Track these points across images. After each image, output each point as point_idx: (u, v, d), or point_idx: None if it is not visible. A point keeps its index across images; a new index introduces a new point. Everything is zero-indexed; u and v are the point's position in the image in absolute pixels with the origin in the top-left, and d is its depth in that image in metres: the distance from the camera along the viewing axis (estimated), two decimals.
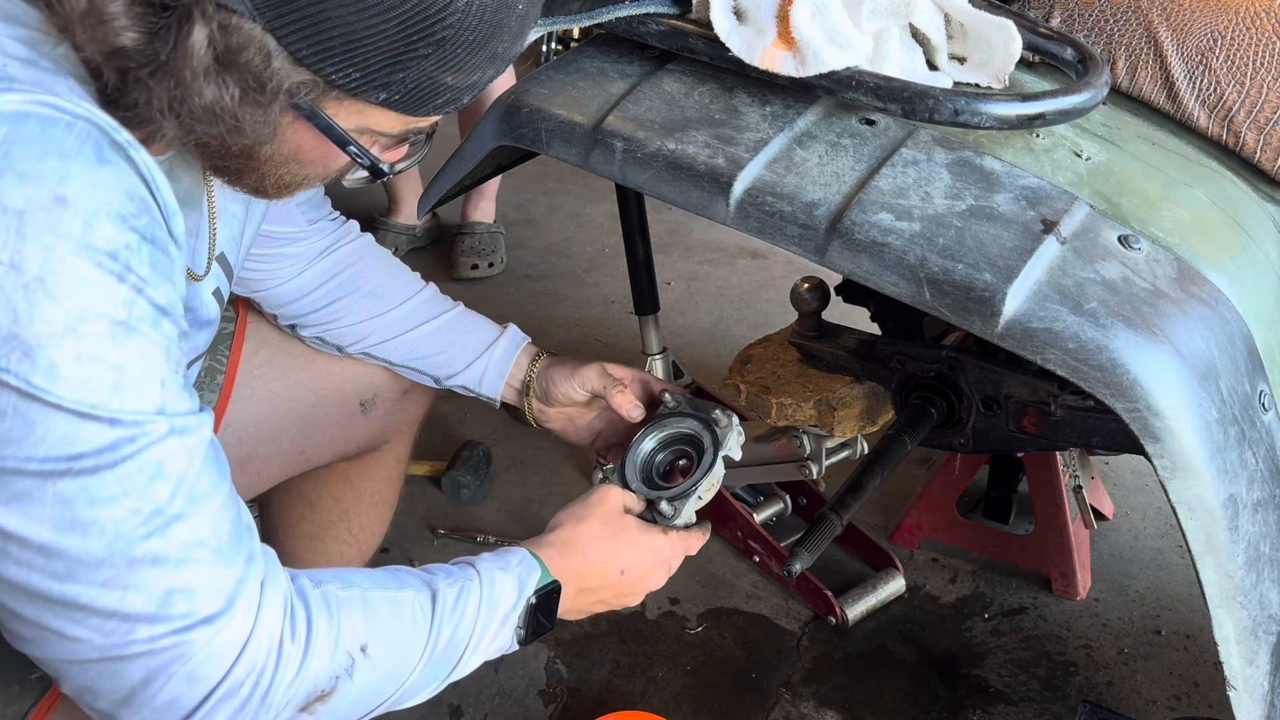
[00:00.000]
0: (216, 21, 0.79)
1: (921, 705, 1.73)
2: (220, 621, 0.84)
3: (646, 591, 1.20)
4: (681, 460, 1.28)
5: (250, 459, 1.39)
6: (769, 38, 1.14)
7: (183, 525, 0.82)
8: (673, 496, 1.21)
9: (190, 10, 0.79)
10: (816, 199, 1.12)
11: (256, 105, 0.83)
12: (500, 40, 0.88)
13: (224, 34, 0.80)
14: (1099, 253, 1.08)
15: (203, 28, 0.79)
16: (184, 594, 0.82)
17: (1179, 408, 1.01)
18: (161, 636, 0.82)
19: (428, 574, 1.03)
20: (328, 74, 0.84)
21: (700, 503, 1.22)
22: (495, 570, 1.05)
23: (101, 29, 0.78)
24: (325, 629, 0.91)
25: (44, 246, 0.75)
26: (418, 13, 0.81)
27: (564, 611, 1.13)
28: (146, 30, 0.79)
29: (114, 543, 0.80)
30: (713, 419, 1.26)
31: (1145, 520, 2.13)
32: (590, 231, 3.32)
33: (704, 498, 1.23)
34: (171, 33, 0.79)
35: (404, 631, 0.97)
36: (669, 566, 1.21)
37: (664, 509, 1.20)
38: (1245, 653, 1.07)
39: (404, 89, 0.87)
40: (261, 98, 0.83)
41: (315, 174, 0.97)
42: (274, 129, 0.87)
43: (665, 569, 1.21)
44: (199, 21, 0.79)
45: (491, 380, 1.38)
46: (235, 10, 0.80)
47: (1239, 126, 1.31)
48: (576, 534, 1.15)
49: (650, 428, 1.28)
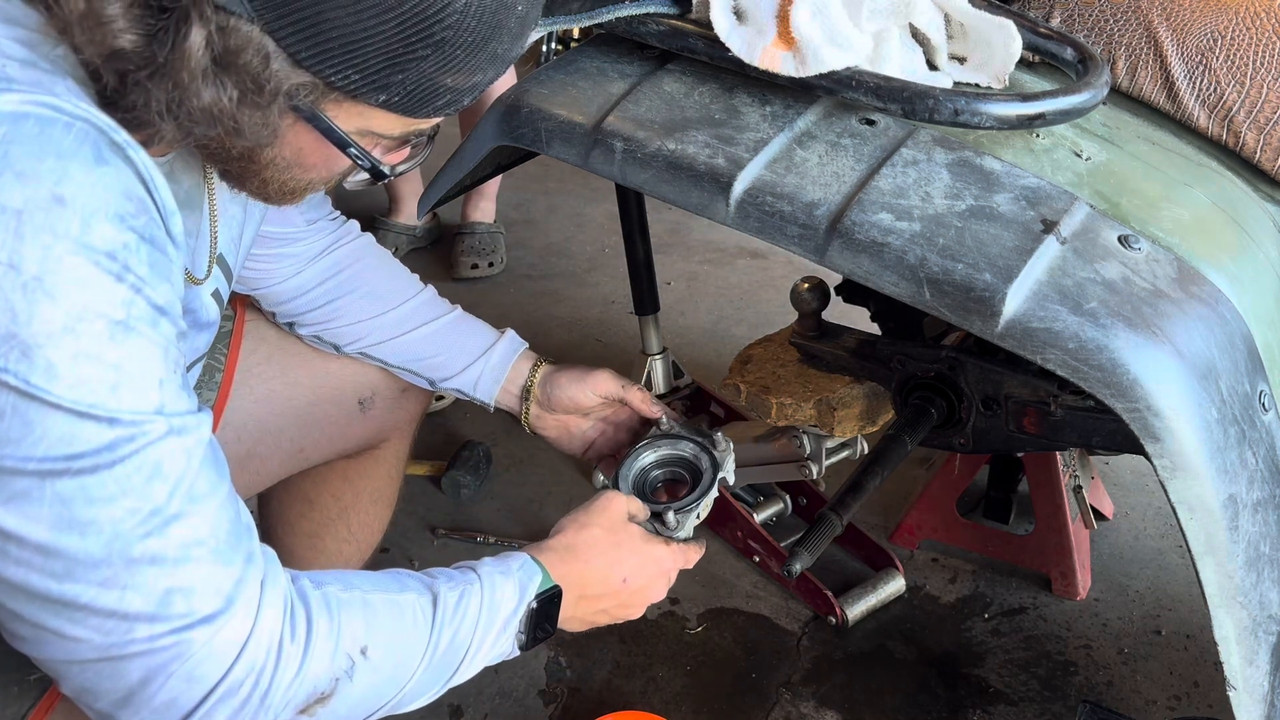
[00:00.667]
0: (214, 23, 0.79)
1: (921, 705, 1.73)
2: (219, 621, 0.84)
3: (648, 602, 1.20)
4: (674, 481, 1.31)
5: (249, 457, 1.39)
6: (769, 38, 1.14)
7: (181, 525, 0.82)
8: (679, 509, 1.23)
9: (188, 12, 0.78)
10: (816, 199, 1.12)
11: (255, 107, 0.83)
12: (500, 41, 0.88)
13: (222, 35, 0.80)
14: (1099, 253, 1.08)
15: (200, 29, 0.79)
16: (183, 593, 0.82)
17: (1179, 408, 1.01)
18: (160, 636, 0.82)
19: (429, 577, 1.02)
20: (327, 75, 0.84)
21: (698, 520, 1.26)
22: (496, 575, 1.05)
23: (100, 31, 0.78)
24: (325, 630, 0.91)
25: (42, 246, 0.75)
26: (416, 14, 0.81)
27: (565, 619, 1.13)
28: (144, 32, 0.79)
29: (112, 542, 0.80)
30: (713, 441, 1.30)
31: (1145, 520, 2.13)
32: (590, 231, 3.32)
33: (702, 515, 1.26)
34: (169, 34, 0.79)
35: (405, 635, 0.97)
36: (669, 578, 1.21)
37: (670, 520, 1.22)
38: (1245, 653, 1.07)
39: (404, 90, 0.86)
40: (260, 99, 0.83)
41: (318, 178, 0.97)
42: (274, 131, 0.87)
43: (665, 580, 1.21)
44: (196, 23, 0.79)
45: (487, 385, 1.38)
46: (233, 12, 0.79)
47: (1239, 126, 1.31)
48: (579, 540, 1.14)
49: (648, 444, 1.31)
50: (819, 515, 1.36)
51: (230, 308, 1.40)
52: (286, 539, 1.57)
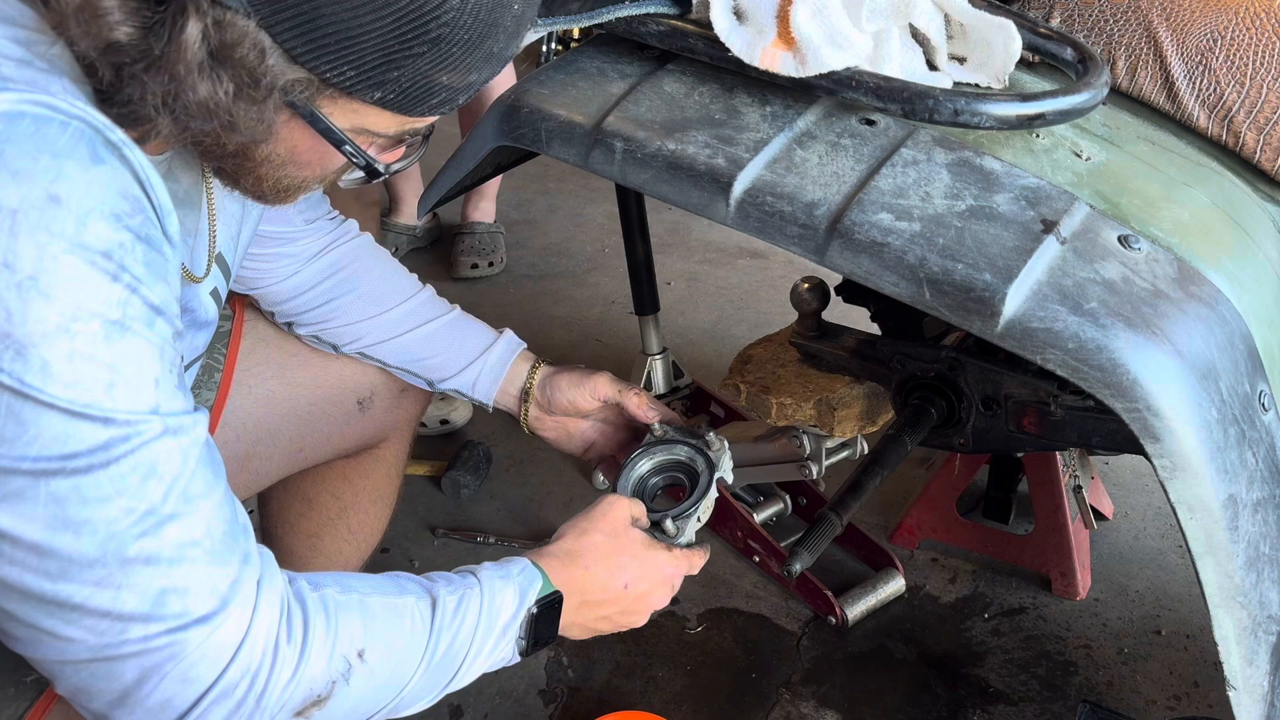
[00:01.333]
0: (211, 17, 0.79)
1: (921, 705, 1.73)
2: (214, 621, 0.83)
3: (652, 610, 1.19)
4: (674, 486, 1.30)
5: (249, 457, 1.39)
6: (769, 38, 1.14)
7: (176, 525, 0.82)
8: (676, 515, 1.22)
9: (185, 5, 0.78)
10: (816, 199, 1.12)
11: (251, 101, 0.83)
12: (496, 40, 0.88)
13: (218, 29, 0.80)
14: (1099, 253, 1.08)
15: (197, 23, 0.79)
16: (177, 593, 0.82)
17: (1179, 408, 1.01)
18: (155, 636, 0.82)
19: (429, 581, 1.02)
20: (322, 71, 0.84)
21: (699, 524, 1.24)
22: (496, 579, 1.04)
23: (96, 24, 0.78)
24: (322, 632, 0.90)
25: (37, 245, 0.75)
26: (413, 11, 0.81)
27: (567, 625, 1.12)
28: (141, 25, 0.79)
29: (107, 542, 0.79)
30: (706, 442, 1.28)
31: (1145, 520, 2.13)
32: (590, 231, 3.32)
33: (702, 519, 1.25)
34: (166, 27, 0.79)
35: (403, 638, 0.96)
36: (672, 585, 1.20)
37: (668, 527, 1.21)
38: (1245, 653, 1.07)
39: (399, 88, 0.86)
40: (256, 94, 0.83)
41: (313, 176, 0.96)
42: (269, 127, 0.86)
43: (669, 587, 1.20)
44: (193, 16, 0.79)
45: (485, 385, 1.38)
46: (230, 6, 0.79)
47: (1239, 126, 1.31)
48: (580, 546, 1.14)
49: (644, 451, 1.30)
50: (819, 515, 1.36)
51: (229, 307, 1.40)
52: (286, 538, 1.57)
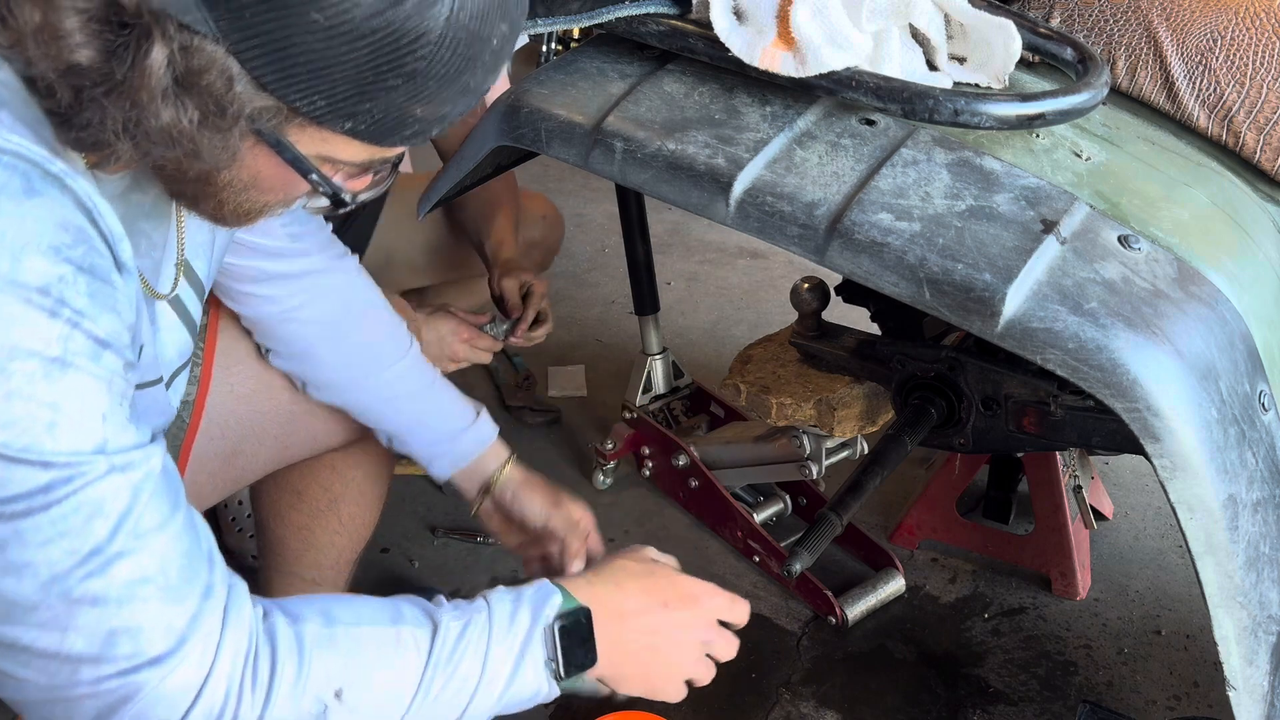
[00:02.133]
0: (178, 42, 0.75)
1: (921, 705, 1.73)
2: (169, 663, 0.81)
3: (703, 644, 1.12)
4: None
5: (235, 454, 1.38)
6: (769, 38, 1.14)
7: (126, 563, 0.80)
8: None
9: (150, 30, 0.75)
10: (816, 199, 1.12)
11: (216, 130, 0.80)
12: (473, 75, 0.84)
13: (185, 55, 0.76)
14: (1099, 253, 1.08)
15: (163, 48, 0.75)
16: (128, 634, 0.80)
17: (1179, 408, 1.01)
18: (106, 678, 0.80)
19: (434, 606, 0.98)
20: (292, 100, 0.80)
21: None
22: (506, 600, 1.00)
23: (56, 45, 0.75)
24: (291, 674, 0.87)
25: None
26: (389, 43, 0.77)
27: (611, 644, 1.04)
28: (103, 48, 0.75)
29: (50, 585, 0.77)
30: None
31: (1145, 520, 2.13)
32: (590, 231, 3.32)
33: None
34: (129, 51, 0.75)
35: (393, 672, 0.92)
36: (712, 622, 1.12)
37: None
38: (1245, 653, 1.07)
39: (371, 119, 0.83)
40: (222, 122, 0.79)
41: (275, 201, 0.93)
42: (233, 154, 0.83)
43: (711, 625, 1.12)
44: (159, 41, 0.75)
45: (442, 466, 1.39)
46: (198, 31, 0.75)
47: (1239, 126, 1.31)
48: (605, 567, 1.10)
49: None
50: (819, 515, 1.36)
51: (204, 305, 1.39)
52: (278, 530, 1.57)
